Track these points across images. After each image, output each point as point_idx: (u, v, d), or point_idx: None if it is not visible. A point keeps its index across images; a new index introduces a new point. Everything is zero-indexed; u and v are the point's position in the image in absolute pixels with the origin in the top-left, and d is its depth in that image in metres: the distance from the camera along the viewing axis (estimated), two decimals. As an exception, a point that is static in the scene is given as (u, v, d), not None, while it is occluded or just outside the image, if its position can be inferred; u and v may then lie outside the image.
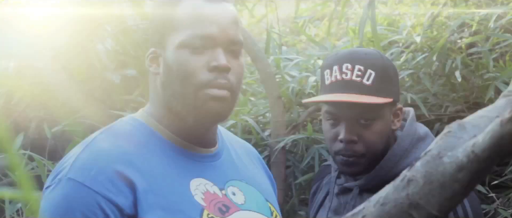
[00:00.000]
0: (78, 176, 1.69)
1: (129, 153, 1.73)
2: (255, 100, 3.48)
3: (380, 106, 2.25)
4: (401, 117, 2.32)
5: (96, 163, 1.70)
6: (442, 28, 3.39)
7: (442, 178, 1.28)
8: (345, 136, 2.26)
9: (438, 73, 3.24)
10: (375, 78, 2.25)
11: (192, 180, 1.78)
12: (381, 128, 2.27)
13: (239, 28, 1.82)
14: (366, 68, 2.25)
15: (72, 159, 1.73)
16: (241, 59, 1.81)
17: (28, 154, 3.17)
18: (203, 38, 1.76)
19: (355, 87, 2.25)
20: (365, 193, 2.28)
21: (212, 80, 1.75)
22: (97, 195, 1.66)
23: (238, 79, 1.80)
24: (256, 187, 1.92)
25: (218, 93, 1.75)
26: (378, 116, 2.26)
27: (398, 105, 2.32)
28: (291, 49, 3.88)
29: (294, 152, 3.21)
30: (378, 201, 1.33)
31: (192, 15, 1.78)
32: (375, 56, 2.29)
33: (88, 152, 1.73)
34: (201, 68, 1.75)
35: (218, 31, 1.77)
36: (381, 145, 2.28)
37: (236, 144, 2.02)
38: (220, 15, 1.79)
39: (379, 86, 2.25)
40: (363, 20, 3.16)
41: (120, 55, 3.66)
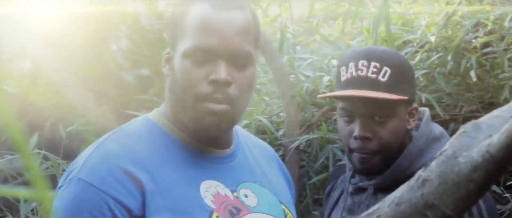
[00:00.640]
0: (88, 176, 1.70)
1: (139, 154, 1.73)
2: (269, 100, 3.48)
3: (395, 103, 2.24)
4: (417, 116, 2.31)
5: (106, 163, 1.71)
6: (457, 27, 3.37)
7: (457, 178, 1.27)
8: (360, 132, 2.26)
9: (453, 73, 3.23)
10: (390, 75, 2.24)
11: (203, 182, 1.77)
12: (396, 126, 2.26)
13: (250, 37, 1.76)
14: (382, 65, 2.25)
15: (83, 159, 1.75)
16: (248, 71, 1.76)
17: (43, 153, 3.18)
18: (204, 51, 1.72)
19: (370, 84, 2.25)
20: (379, 192, 2.28)
21: (211, 94, 1.72)
22: (106, 196, 1.67)
23: (242, 91, 1.75)
24: (270, 189, 1.91)
25: (215, 107, 1.73)
26: (393, 113, 2.25)
27: (414, 105, 2.31)
28: (305, 48, 3.87)
29: (308, 151, 3.21)
30: (393, 201, 1.32)
31: (197, 24, 1.74)
32: (391, 54, 2.29)
33: (99, 153, 1.74)
34: (201, 80, 1.73)
35: (220, 43, 1.72)
36: (395, 143, 2.27)
37: (253, 144, 2.00)
38: (225, 25, 1.73)
39: (394, 84, 2.24)
40: (377, 20, 3.15)
41: (135, 55, 3.67)
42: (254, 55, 1.77)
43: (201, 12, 1.74)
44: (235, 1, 1.76)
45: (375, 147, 2.26)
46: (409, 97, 2.27)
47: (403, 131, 2.29)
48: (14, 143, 0.74)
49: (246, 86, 1.76)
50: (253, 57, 1.76)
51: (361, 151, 2.27)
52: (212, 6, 1.74)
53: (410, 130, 2.32)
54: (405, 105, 2.28)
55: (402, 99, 2.24)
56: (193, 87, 1.73)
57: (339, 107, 2.33)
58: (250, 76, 1.77)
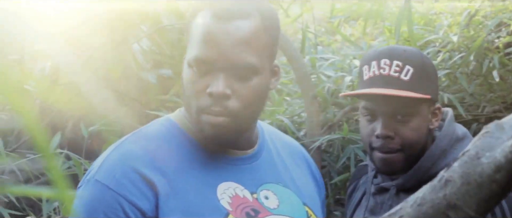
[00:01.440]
0: (104, 178, 1.71)
1: (156, 155, 1.74)
2: (291, 100, 3.48)
3: (418, 102, 2.24)
4: (440, 116, 2.30)
5: (121, 165, 1.72)
6: (479, 27, 3.36)
7: (480, 179, 1.26)
8: (382, 131, 2.25)
9: (475, 73, 3.21)
10: (412, 74, 2.24)
11: (221, 184, 1.77)
12: (418, 125, 2.25)
13: (255, 47, 1.71)
14: (405, 64, 2.24)
15: (100, 161, 1.76)
16: (253, 82, 1.71)
17: (65, 153, 3.20)
18: (203, 62, 1.70)
19: (392, 83, 2.24)
20: (402, 193, 2.27)
21: (209, 106, 1.70)
22: (120, 198, 1.68)
23: (245, 103, 1.71)
24: (294, 190, 1.88)
25: (213, 120, 1.70)
26: (415, 112, 2.25)
27: (437, 104, 2.30)
28: (327, 49, 3.87)
29: (330, 152, 3.20)
30: (415, 201, 1.32)
31: (198, 34, 1.71)
32: (414, 53, 2.28)
33: (116, 154, 1.75)
34: (201, 92, 1.71)
35: (217, 56, 1.68)
36: (418, 142, 2.26)
37: (281, 142, 1.97)
38: (224, 37, 1.69)
39: (416, 82, 2.24)
40: (399, 20, 3.14)
41: (156, 55, 3.67)
42: (262, 64, 1.72)
43: (202, 22, 1.71)
44: (240, 10, 1.71)
45: (397, 145, 2.25)
46: (431, 97, 2.26)
47: (426, 130, 2.28)
48: (36, 143, 0.74)
49: (249, 98, 1.71)
50: (257, 67, 1.71)
51: (383, 149, 2.26)
52: (213, 16, 1.70)
53: (432, 130, 2.31)
54: (428, 105, 2.27)
55: (424, 98, 2.24)
56: (194, 98, 1.72)
57: (361, 106, 2.32)
58: (255, 87, 1.72)
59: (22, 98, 0.74)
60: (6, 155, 3.27)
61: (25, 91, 3.34)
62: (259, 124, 1.91)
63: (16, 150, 3.61)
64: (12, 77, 0.75)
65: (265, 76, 1.74)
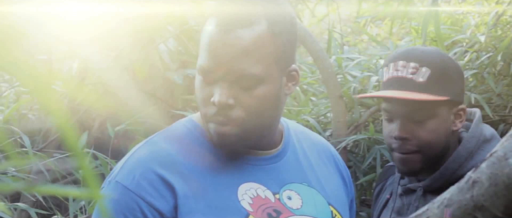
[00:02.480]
0: (124, 179, 1.74)
1: (176, 156, 1.75)
2: (317, 100, 3.48)
3: (435, 104, 2.23)
4: (464, 118, 2.28)
5: (141, 167, 1.73)
6: (507, 27, 3.34)
7: (507, 180, 1.26)
8: (398, 133, 2.25)
9: (503, 73, 3.19)
10: (429, 75, 2.23)
11: (242, 185, 1.77)
12: (437, 127, 2.24)
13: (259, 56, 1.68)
14: (421, 65, 2.23)
15: (122, 162, 1.79)
16: (258, 91, 1.69)
17: (91, 152, 3.22)
18: (206, 72, 1.70)
19: (407, 84, 2.23)
20: (428, 194, 2.26)
21: (213, 115, 1.70)
22: (139, 199, 1.70)
23: (251, 112, 1.69)
24: (319, 189, 1.87)
25: (218, 129, 1.70)
26: (432, 114, 2.24)
27: (461, 106, 2.28)
28: (353, 49, 3.86)
29: (356, 152, 3.19)
30: (442, 202, 1.31)
31: (203, 43, 1.71)
32: (432, 54, 2.27)
33: (137, 156, 1.77)
34: (207, 100, 1.71)
35: (219, 66, 1.67)
36: (437, 144, 2.25)
37: (307, 141, 1.95)
38: (225, 47, 1.67)
39: (433, 84, 2.23)
40: (426, 20, 3.12)
41: (182, 55, 3.68)
42: (268, 72, 1.69)
43: (208, 31, 1.70)
44: (244, 17, 1.69)
45: (414, 147, 2.25)
46: (450, 98, 2.24)
47: (446, 132, 2.26)
48: (66, 142, 0.75)
49: (255, 107, 1.70)
50: (262, 75, 1.68)
51: (400, 150, 2.26)
52: (217, 25, 1.69)
53: (456, 131, 2.29)
54: (448, 106, 2.25)
55: (440, 100, 2.22)
56: (202, 106, 1.73)
57: (381, 107, 2.33)
58: (261, 95, 1.70)
59: (50, 98, 0.75)
60: (34, 154, 3.29)
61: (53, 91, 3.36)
62: (285, 123, 1.91)
63: (43, 150, 3.64)
64: (40, 77, 0.76)
65: (273, 83, 1.72)
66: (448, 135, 2.27)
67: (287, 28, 1.74)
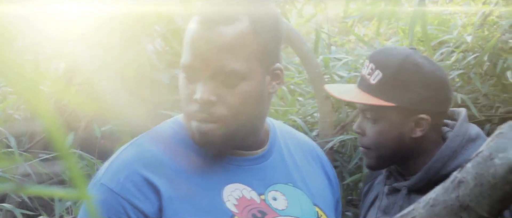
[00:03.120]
0: (109, 181, 1.74)
1: (160, 158, 1.75)
2: (303, 100, 3.48)
3: (382, 108, 2.25)
4: (426, 127, 2.27)
5: (126, 169, 1.74)
6: (494, 27, 3.35)
7: (493, 180, 1.26)
8: (355, 126, 2.35)
9: (489, 73, 3.20)
10: (380, 79, 2.25)
11: (228, 186, 1.77)
12: (384, 130, 2.27)
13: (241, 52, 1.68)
14: (377, 67, 2.27)
15: (107, 164, 1.79)
16: (240, 88, 1.69)
17: (78, 153, 3.21)
18: (188, 69, 1.70)
19: (363, 83, 2.30)
20: (413, 193, 2.27)
21: (196, 112, 1.70)
22: (124, 202, 1.71)
23: (234, 109, 1.69)
24: (305, 190, 1.87)
25: (200, 127, 1.71)
26: (380, 117, 2.27)
27: (422, 115, 2.26)
28: (340, 49, 3.87)
29: (342, 152, 3.20)
30: (428, 202, 1.32)
31: (186, 40, 1.71)
32: (393, 59, 2.27)
33: (121, 157, 1.77)
34: (190, 97, 1.71)
35: (201, 63, 1.68)
36: (386, 146, 2.28)
37: (294, 141, 1.95)
38: (207, 43, 1.68)
39: (382, 88, 2.25)
40: (413, 20, 3.13)
41: (169, 55, 3.68)
42: (250, 69, 1.70)
43: (190, 28, 1.71)
44: (226, 14, 1.70)
45: (366, 143, 2.31)
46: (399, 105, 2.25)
47: (399, 137, 2.27)
48: (53, 143, 0.75)
49: (237, 103, 1.70)
50: (244, 72, 1.69)
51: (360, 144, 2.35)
52: (200, 23, 1.69)
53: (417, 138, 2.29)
54: (401, 113, 2.25)
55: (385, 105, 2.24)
56: (184, 104, 1.73)
57: None
58: (244, 92, 1.70)
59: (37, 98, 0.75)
60: (20, 155, 3.28)
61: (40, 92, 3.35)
62: (271, 123, 1.91)
63: (29, 150, 3.62)
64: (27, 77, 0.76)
65: (256, 81, 1.72)
66: (403, 140, 2.27)
67: (271, 26, 1.74)
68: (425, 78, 2.26)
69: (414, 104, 2.25)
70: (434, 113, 2.27)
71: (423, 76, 2.26)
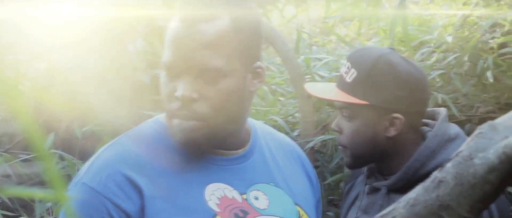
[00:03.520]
0: (91, 181, 1.74)
1: (142, 158, 1.75)
2: (285, 100, 3.48)
3: (356, 106, 2.27)
4: (400, 126, 2.28)
5: (108, 168, 1.73)
6: (474, 28, 3.36)
7: (473, 180, 1.27)
8: (333, 124, 2.37)
9: (469, 73, 3.21)
10: (355, 78, 2.28)
11: (210, 185, 1.77)
12: (358, 128, 2.29)
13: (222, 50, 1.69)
14: (352, 66, 2.29)
15: (89, 163, 1.79)
16: (222, 85, 1.70)
17: (58, 153, 3.20)
18: (169, 66, 1.70)
19: (340, 82, 2.33)
20: (392, 193, 2.29)
21: (177, 110, 1.70)
22: (106, 201, 1.71)
23: (215, 106, 1.70)
24: (286, 190, 1.88)
25: (182, 124, 1.71)
26: (354, 115, 2.29)
27: (396, 114, 2.27)
28: (321, 49, 3.87)
29: (323, 152, 3.20)
30: (408, 202, 1.32)
31: (167, 38, 1.72)
32: (369, 57, 2.29)
33: (103, 157, 1.77)
34: (171, 95, 1.71)
35: (182, 60, 1.68)
36: (360, 145, 2.29)
37: (274, 141, 1.96)
38: (187, 40, 1.68)
39: (357, 86, 2.27)
40: (394, 20, 3.14)
41: (151, 55, 3.67)
42: (231, 66, 1.70)
43: (171, 26, 1.71)
44: (207, 12, 1.70)
45: (343, 142, 2.33)
46: (372, 103, 2.26)
47: (373, 136, 2.29)
48: (32, 143, 0.75)
49: (219, 101, 1.70)
50: (225, 70, 1.69)
51: (338, 142, 2.37)
52: (180, 20, 1.70)
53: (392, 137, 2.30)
54: (375, 112, 2.27)
55: (359, 103, 2.25)
56: (165, 102, 1.73)
57: None
58: (225, 89, 1.70)
59: (17, 98, 0.75)
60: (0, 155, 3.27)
61: (19, 92, 3.34)
62: (253, 123, 1.91)
63: (9, 151, 3.61)
64: (7, 78, 0.76)
65: (237, 78, 1.72)
66: (378, 139, 2.28)
67: (251, 24, 1.75)
68: (399, 77, 2.27)
69: (388, 103, 2.26)
70: (409, 113, 2.27)
71: (397, 75, 2.27)
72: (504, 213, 2.25)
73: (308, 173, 2.01)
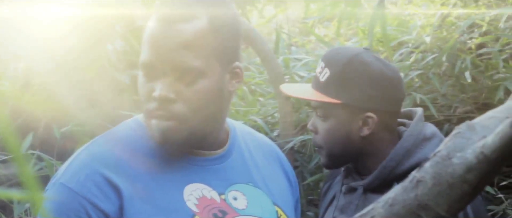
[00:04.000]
0: (69, 181, 1.72)
1: (121, 157, 1.74)
2: (264, 101, 3.48)
3: (330, 105, 2.28)
4: (372, 125, 2.29)
5: (86, 168, 1.72)
6: (452, 28, 3.38)
7: (451, 179, 1.27)
8: (309, 124, 2.38)
9: (448, 73, 3.23)
10: (328, 77, 2.29)
11: (188, 185, 1.76)
12: (332, 127, 2.30)
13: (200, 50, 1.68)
14: (326, 66, 2.31)
15: (67, 164, 1.77)
16: (199, 85, 1.69)
17: (37, 154, 3.18)
18: (147, 66, 1.70)
19: (315, 82, 2.34)
20: (369, 192, 2.30)
21: (155, 110, 1.69)
22: (84, 201, 1.69)
23: (193, 107, 1.69)
24: (265, 190, 1.88)
25: (159, 125, 1.70)
26: (328, 114, 2.30)
27: (368, 114, 2.28)
28: (301, 49, 3.88)
29: (303, 152, 3.21)
30: (387, 201, 1.32)
31: (144, 38, 1.71)
32: (342, 56, 2.30)
33: (81, 157, 1.76)
34: (149, 95, 1.70)
35: (159, 60, 1.67)
36: (335, 144, 2.30)
37: (253, 142, 1.96)
38: (165, 40, 1.67)
39: (330, 86, 2.29)
40: (373, 21, 3.15)
41: (130, 55, 3.66)
42: (209, 66, 1.70)
43: (149, 26, 1.71)
44: (184, 12, 1.70)
45: (318, 142, 2.35)
46: (345, 102, 2.27)
47: (347, 135, 2.30)
48: (7, 144, 0.74)
49: (196, 101, 1.70)
50: (203, 70, 1.69)
51: (313, 143, 2.39)
52: (158, 20, 1.69)
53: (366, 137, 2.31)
54: (349, 111, 2.28)
55: (332, 102, 2.27)
56: (143, 103, 1.73)
57: None
58: (203, 90, 1.70)
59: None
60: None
61: (-3, 92, 3.32)
62: (232, 124, 1.91)
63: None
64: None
65: (215, 79, 1.72)
66: (352, 139, 2.30)
67: (229, 24, 1.74)
68: (372, 76, 2.28)
69: (360, 102, 2.27)
70: (382, 112, 2.28)
71: (370, 74, 2.28)
72: (480, 213, 2.26)
73: (287, 173, 2.01)
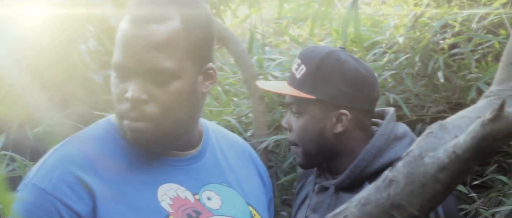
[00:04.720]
0: (41, 181, 1.72)
1: (94, 158, 1.73)
2: (238, 101, 3.48)
3: (305, 101, 2.30)
4: (346, 123, 2.31)
5: (59, 169, 1.72)
6: (425, 29, 3.39)
7: (423, 179, 1.28)
8: (283, 121, 2.40)
9: (421, 73, 3.24)
10: (304, 73, 2.31)
11: (162, 185, 1.76)
12: (306, 124, 2.32)
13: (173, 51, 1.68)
14: (302, 62, 2.33)
15: (39, 164, 1.76)
16: (172, 87, 1.69)
17: (9, 154, 3.16)
18: (119, 68, 1.70)
19: (291, 78, 2.36)
20: (341, 191, 2.31)
21: (127, 111, 1.70)
22: (56, 201, 1.69)
23: (165, 108, 1.69)
24: (238, 190, 1.89)
25: (131, 125, 1.70)
26: (303, 111, 2.32)
27: (342, 111, 2.30)
28: (274, 49, 3.88)
29: (277, 152, 3.21)
30: (360, 201, 1.33)
31: (117, 39, 1.71)
32: (317, 54, 2.33)
33: (54, 158, 1.75)
34: (120, 97, 1.70)
35: (132, 61, 1.67)
36: (309, 141, 2.32)
37: (227, 142, 1.97)
38: (137, 41, 1.67)
39: (305, 82, 2.31)
40: (346, 21, 3.16)
41: (103, 55, 3.65)
42: (182, 68, 1.70)
43: (122, 27, 1.70)
44: (157, 13, 1.69)
45: (292, 139, 2.36)
46: (319, 98, 2.29)
47: (321, 132, 2.31)
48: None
49: (169, 102, 1.70)
50: (175, 71, 1.69)
51: (288, 141, 2.40)
52: (131, 21, 1.69)
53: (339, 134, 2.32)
54: (323, 107, 2.30)
55: (307, 98, 2.28)
56: (115, 103, 1.73)
57: None
58: (176, 91, 1.70)
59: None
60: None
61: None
62: (205, 124, 1.91)
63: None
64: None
65: (188, 80, 1.72)
66: (326, 136, 2.31)
67: (202, 25, 1.74)
68: (347, 74, 2.30)
69: (334, 99, 2.28)
70: (356, 110, 2.30)
71: (345, 72, 2.30)
72: (451, 213, 2.27)
73: (260, 173, 2.01)
